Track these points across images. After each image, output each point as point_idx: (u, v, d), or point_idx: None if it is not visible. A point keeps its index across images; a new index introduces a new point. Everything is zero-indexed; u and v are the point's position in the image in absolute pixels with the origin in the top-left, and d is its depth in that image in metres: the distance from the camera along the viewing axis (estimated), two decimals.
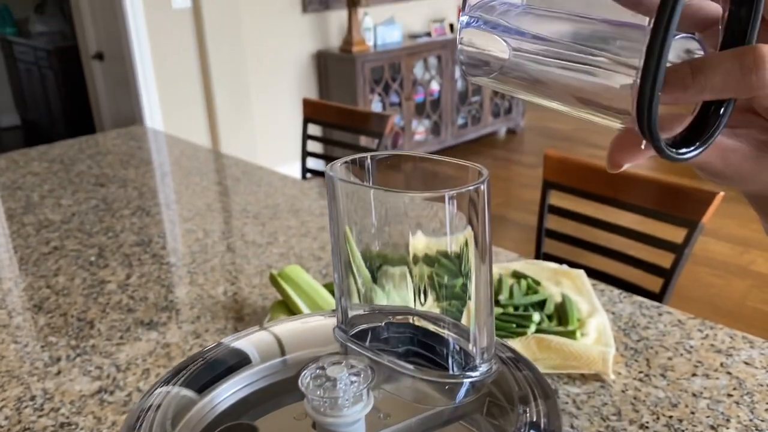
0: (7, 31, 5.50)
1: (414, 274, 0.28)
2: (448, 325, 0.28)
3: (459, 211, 0.27)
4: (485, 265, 0.29)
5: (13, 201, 1.67)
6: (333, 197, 0.29)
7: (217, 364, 0.39)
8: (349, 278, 0.30)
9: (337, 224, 0.30)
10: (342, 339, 0.31)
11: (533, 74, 0.28)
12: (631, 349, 0.95)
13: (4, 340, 1.06)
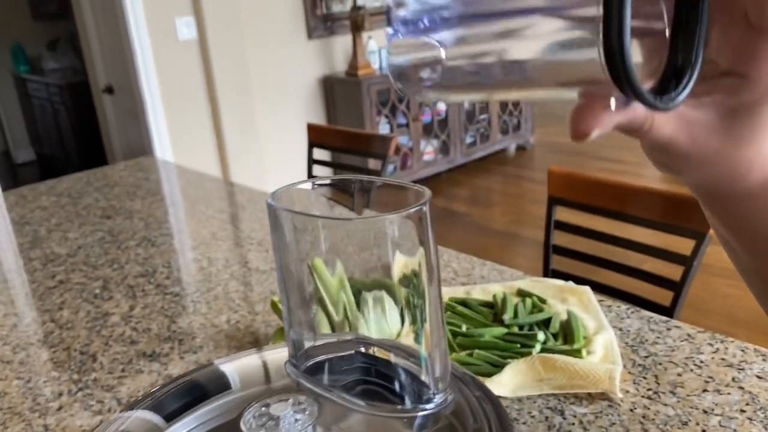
0: (21, 69, 5.60)
1: (365, 301, 0.27)
2: (402, 354, 0.27)
3: (404, 233, 0.26)
4: (433, 286, 0.28)
5: (21, 236, 1.68)
6: (275, 227, 0.28)
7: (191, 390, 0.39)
8: (298, 310, 0.29)
9: (282, 253, 0.29)
10: (293, 374, 0.30)
11: (479, 65, 0.26)
12: (639, 366, 0.93)
13: (8, 377, 1.06)
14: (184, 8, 3.36)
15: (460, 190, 4.37)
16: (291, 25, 3.92)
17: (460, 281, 1.23)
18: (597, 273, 1.50)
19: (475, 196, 4.27)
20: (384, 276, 0.27)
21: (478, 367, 0.94)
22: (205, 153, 3.61)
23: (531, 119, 5.07)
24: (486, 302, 1.11)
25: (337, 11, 4.13)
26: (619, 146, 4.89)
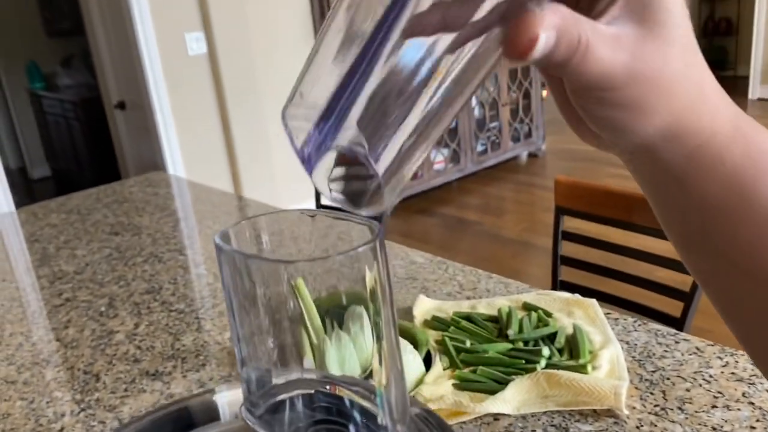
0: (36, 86, 5.67)
1: (316, 336, 0.26)
2: (362, 392, 0.26)
3: (357, 268, 0.25)
4: (387, 322, 0.27)
5: (30, 254, 1.69)
6: (224, 264, 0.28)
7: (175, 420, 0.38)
8: (252, 348, 0.28)
9: (233, 289, 0.28)
10: (248, 420, 0.29)
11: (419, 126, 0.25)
12: (646, 381, 0.91)
13: (11, 397, 1.06)
14: (193, 24, 3.38)
15: (472, 198, 4.35)
16: (300, 37, 3.94)
17: (465, 295, 1.22)
18: (606, 283, 1.48)
19: (486, 204, 4.25)
20: (340, 309, 0.26)
21: (482, 384, 0.92)
22: (217, 166, 3.62)
23: (542, 126, 5.04)
24: (491, 316, 1.10)
25: None
26: None
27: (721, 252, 0.31)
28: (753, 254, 0.30)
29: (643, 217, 1.38)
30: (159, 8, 3.27)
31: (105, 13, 3.62)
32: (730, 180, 0.30)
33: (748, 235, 0.30)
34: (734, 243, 0.31)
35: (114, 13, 3.45)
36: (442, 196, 4.39)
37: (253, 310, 0.28)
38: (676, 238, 0.34)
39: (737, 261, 0.31)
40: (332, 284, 0.26)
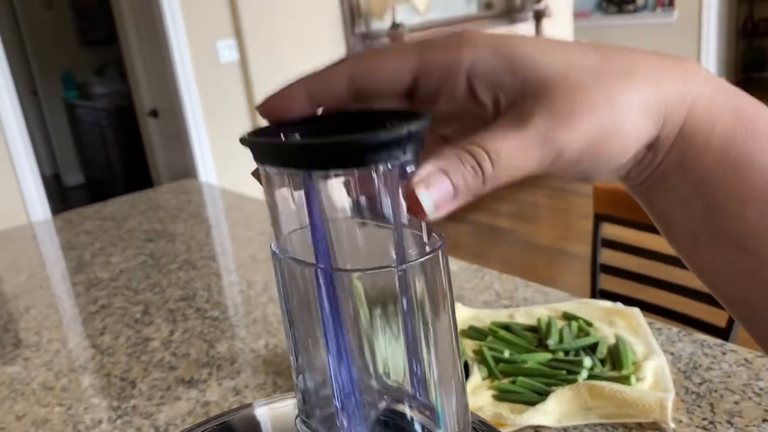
0: (70, 94, 5.78)
1: (376, 347, 0.25)
2: (418, 406, 0.24)
3: (417, 278, 0.24)
4: (445, 325, 0.26)
5: (66, 261, 1.71)
6: (281, 275, 0.26)
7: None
8: (308, 353, 0.27)
9: (285, 297, 0.27)
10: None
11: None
12: (693, 394, 0.88)
13: (50, 403, 1.06)
14: (225, 31, 3.41)
15: (504, 205, 4.31)
16: (330, 44, 3.95)
17: (502, 303, 1.20)
18: (647, 292, 1.44)
19: (520, 211, 4.21)
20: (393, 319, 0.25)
21: (521, 396, 0.90)
22: (248, 174, 3.64)
23: None
24: (530, 326, 1.07)
25: (377, 29, 4.14)
26: None
27: (727, 234, 0.30)
28: (758, 233, 0.29)
29: None
30: (191, 16, 3.31)
31: (138, 22, 3.67)
32: (724, 148, 0.29)
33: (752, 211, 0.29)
34: (740, 223, 0.29)
35: (147, 22, 3.49)
36: (473, 202, 4.34)
37: (308, 318, 0.27)
38: (681, 237, 0.32)
39: (742, 242, 0.29)
40: (388, 291, 0.24)
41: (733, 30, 6.78)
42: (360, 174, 0.24)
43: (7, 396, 1.10)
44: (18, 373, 1.17)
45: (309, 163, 0.24)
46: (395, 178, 0.24)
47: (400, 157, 0.24)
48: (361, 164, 0.23)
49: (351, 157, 0.23)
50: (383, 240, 0.24)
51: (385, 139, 0.23)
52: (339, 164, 0.23)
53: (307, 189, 0.25)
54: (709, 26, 6.34)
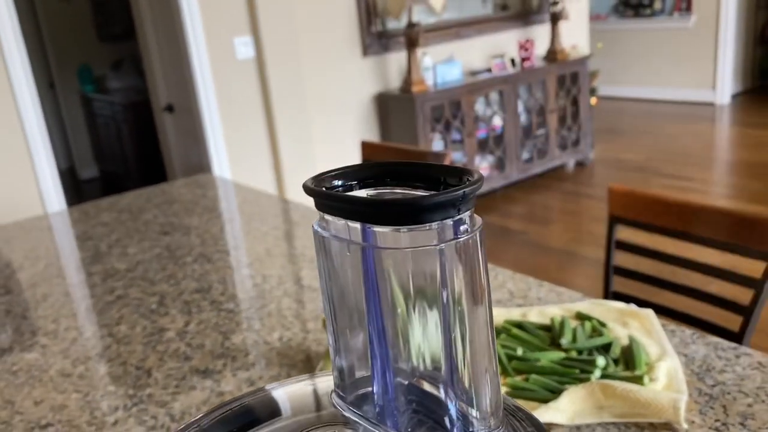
0: (87, 88, 5.82)
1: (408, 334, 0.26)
2: (448, 390, 0.25)
3: (453, 260, 0.25)
4: (484, 316, 0.26)
5: (83, 251, 1.73)
6: (322, 253, 0.27)
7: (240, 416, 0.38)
8: (344, 339, 0.28)
9: (328, 281, 0.27)
10: (339, 406, 0.29)
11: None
12: (706, 395, 0.88)
13: (67, 390, 1.08)
14: (242, 28, 3.43)
15: (517, 207, 4.31)
16: (346, 43, 3.96)
17: (515, 302, 1.20)
18: (660, 295, 1.44)
19: (532, 213, 4.20)
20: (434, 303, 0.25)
21: (534, 393, 0.90)
22: (262, 170, 3.66)
23: (591, 134, 4.97)
24: (543, 325, 1.08)
25: (392, 28, 4.15)
26: (683, 162, 4.75)
27: None
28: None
29: (701, 228, 1.34)
30: (209, 13, 3.32)
31: (156, 17, 3.69)
32: None
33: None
34: None
35: (165, 18, 3.52)
36: (486, 204, 4.36)
37: (346, 302, 0.27)
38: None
39: None
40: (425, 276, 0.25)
41: (751, 36, 6.73)
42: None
43: (25, 382, 1.11)
44: (36, 359, 1.19)
45: (371, 218, 0.25)
46: (449, 232, 0.25)
47: (453, 215, 0.25)
48: (420, 222, 0.25)
49: (410, 215, 0.24)
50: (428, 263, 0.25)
51: (442, 201, 0.24)
52: (399, 222, 0.25)
53: (365, 236, 0.26)
54: (726, 32, 6.30)
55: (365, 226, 0.25)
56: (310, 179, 0.28)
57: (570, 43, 5.01)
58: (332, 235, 0.27)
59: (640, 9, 6.98)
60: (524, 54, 4.53)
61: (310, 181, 0.28)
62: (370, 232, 0.25)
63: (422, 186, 0.27)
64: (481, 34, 4.60)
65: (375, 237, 0.25)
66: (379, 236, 0.25)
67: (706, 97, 6.54)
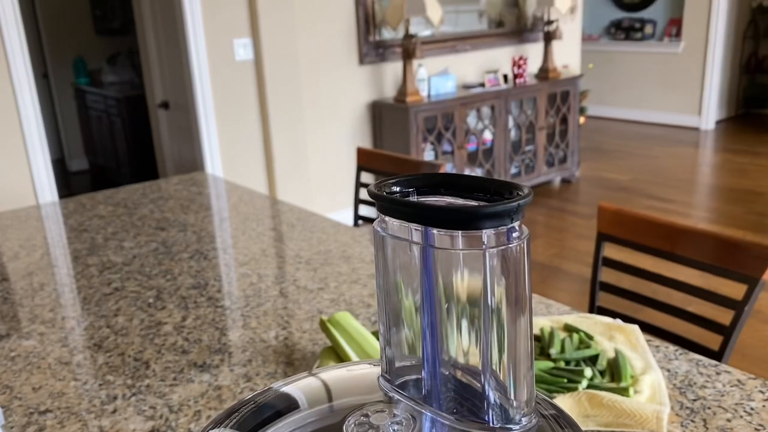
0: (81, 81, 5.81)
1: (456, 328, 0.29)
2: (489, 381, 0.29)
3: (498, 264, 0.28)
4: (524, 317, 0.30)
5: (79, 242, 1.74)
6: (380, 251, 0.31)
7: (267, 408, 0.40)
8: (394, 330, 0.31)
9: (384, 276, 0.31)
10: (386, 388, 0.32)
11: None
12: (687, 409, 0.92)
13: (65, 377, 1.10)
14: (242, 30, 3.46)
15: None
16: (344, 51, 4.00)
17: None
18: (643, 312, 1.49)
19: None
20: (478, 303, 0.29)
21: None
22: (254, 171, 3.68)
23: (577, 153, 5.05)
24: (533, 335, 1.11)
25: (389, 38, 4.20)
26: (667, 185, 4.83)
27: None
28: None
29: (685, 249, 1.39)
30: (210, 13, 3.35)
31: (156, 14, 3.71)
32: None
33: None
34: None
35: (165, 15, 3.54)
36: None
37: (397, 298, 0.31)
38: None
39: None
40: (476, 277, 0.29)
41: (737, 65, 6.88)
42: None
43: (23, 368, 1.13)
44: (34, 347, 1.21)
45: (434, 222, 0.29)
46: (503, 239, 0.29)
47: (508, 223, 0.29)
48: (477, 228, 0.28)
49: (470, 221, 0.28)
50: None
51: (499, 210, 0.28)
52: (459, 226, 0.28)
53: (426, 238, 0.30)
54: (714, 59, 6.43)
55: (427, 229, 0.29)
56: (373, 185, 0.31)
57: (562, 63, 5.09)
58: (391, 235, 0.30)
59: (631, 32, 7.10)
60: (517, 71, 4.60)
61: (375, 186, 0.31)
62: (430, 234, 0.29)
63: (474, 197, 0.31)
64: (476, 49, 4.67)
65: (434, 239, 0.29)
66: (438, 239, 0.28)
67: (691, 122, 6.66)
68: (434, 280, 0.29)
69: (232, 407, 0.42)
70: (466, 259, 0.28)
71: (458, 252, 0.28)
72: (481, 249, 0.28)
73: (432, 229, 0.28)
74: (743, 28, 6.79)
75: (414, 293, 0.30)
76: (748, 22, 6.82)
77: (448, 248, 0.28)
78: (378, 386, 0.33)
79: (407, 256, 0.30)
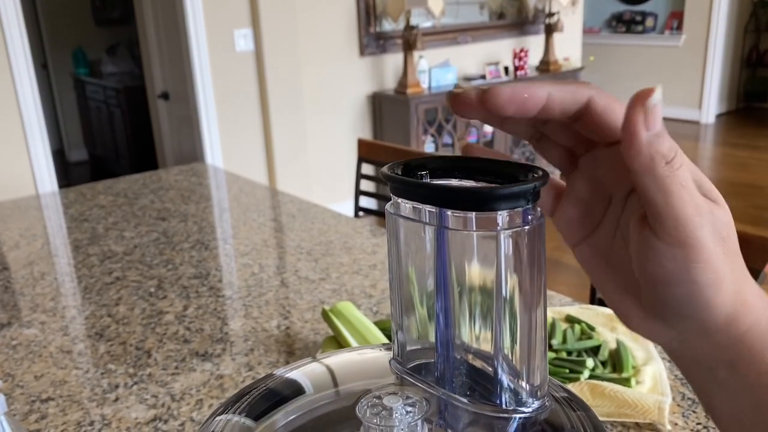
0: (80, 71, 5.80)
1: (468, 311, 0.29)
2: (502, 364, 0.29)
3: (513, 246, 0.28)
4: (539, 301, 0.30)
5: (80, 232, 1.74)
6: (393, 234, 0.31)
7: (273, 393, 0.40)
8: (406, 313, 0.31)
9: (397, 260, 0.31)
10: (398, 371, 0.32)
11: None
12: (689, 400, 0.93)
13: (67, 366, 1.10)
14: (242, 21, 3.45)
15: None
16: (345, 42, 3.99)
17: None
18: None
19: None
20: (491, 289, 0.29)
21: None
22: (254, 162, 3.68)
23: None
24: None
25: (390, 30, 4.19)
26: None
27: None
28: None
29: None
30: (211, 3, 3.34)
31: (156, 4, 3.70)
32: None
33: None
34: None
35: (165, 5, 3.53)
36: None
37: (408, 282, 0.31)
38: (726, 421, 0.34)
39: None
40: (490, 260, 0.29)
41: (738, 59, 6.87)
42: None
43: (24, 356, 1.13)
44: (35, 335, 1.21)
45: (450, 204, 0.28)
46: (518, 220, 0.29)
47: (524, 205, 0.29)
48: (493, 209, 0.28)
49: (486, 202, 0.28)
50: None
51: (516, 191, 0.28)
52: (475, 208, 0.28)
53: (441, 220, 0.29)
54: (715, 53, 6.42)
55: (441, 211, 0.29)
56: (387, 167, 0.31)
57: (563, 55, 5.08)
58: (404, 217, 0.30)
59: (632, 25, 7.09)
60: (518, 63, 4.59)
61: (388, 168, 0.31)
62: (444, 216, 0.28)
63: (490, 180, 0.31)
64: (476, 41, 4.65)
65: (449, 221, 0.28)
66: (452, 220, 0.28)
67: (691, 116, 6.66)
68: (448, 263, 0.29)
69: (238, 393, 0.42)
70: (481, 241, 0.28)
71: (472, 234, 0.28)
72: (496, 231, 0.28)
73: (446, 211, 0.28)
74: (744, 21, 6.78)
75: (426, 277, 0.30)
76: (749, 15, 6.80)
77: (462, 230, 0.28)
78: (386, 371, 0.33)
79: (420, 239, 0.30)
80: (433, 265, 0.30)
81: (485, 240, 0.28)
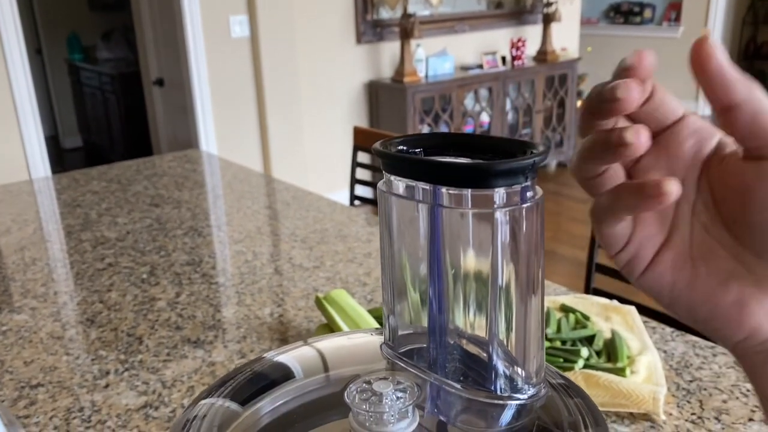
0: (75, 57, 5.75)
1: (463, 296, 0.28)
2: (497, 350, 0.28)
3: (510, 225, 0.27)
4: (537, 295, 0.29)
5: (73, 218, 1.73)
6: (385, 214, 0.29)
7: (261, 377, 0.40)
8: (398, 297, 0.30)
9: (389, 242, 0.30)
10: (389, 356, 0.31)
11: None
12: (683, 390, 0.92)
13: (57, 352, 1.09)
14: (238, 7, 3.42)
15: None
16: (341, 30, 3.97)
17: None
18: (639, 294, 1.48)
19: None
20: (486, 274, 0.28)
21: None
22: (249, 149, 3.66)
23: (574, 136, 5.03)
24: None
25: (387, 18, 4.16)
26: None
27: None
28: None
29: None
30: None
31: None
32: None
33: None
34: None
35: None
36: None
37: (401, 266, 0.30)
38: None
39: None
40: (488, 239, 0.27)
41: (735, 51, 6.85)
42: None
43: (14, 342, 1.12)
44: (25, 321, 1.19)
45: (445, 181, 0.27)
46: (516, 198, 0.27)
47: (522, 182, 0.27)
48: (490, 186, 0.27)
49: (483, 179, 0.27)
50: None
51: (513, 167, 0.27)
52: (471, 184, 0.27)
53: (435, 197, 0.28)
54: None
55: (436, 188, 0.27)
56: (379, 143, 0.30)
57: (560, 46, 5.05)
58: (396, 195, 0.29)
59: (630, 16, 7.06)
60: (516, 52, 4.57)
61: (380, 144, 0.30)
62: (439, 194, 0.27)
63: (485, 157, 0.29)
64: (474, 30, 4.63)
65: (443, 198, 0.27)
66: (447, 198, 0.27)
67: (689, 108, 6.64)
68: (442, 244, 0.28)
69: (224, 376, 0.41)
70: (477, 220, 0.27)
71: (468, 212, 0.27)
72: (492, 209, 0.27)
73: (441, 188, 0.27)
74: (742, 13, 6.76)
75: (420, 260, 0.29)
76: (747, 7, 6.78)
77: (457, 207, 0.27)
78: (377, 355, 0.32)
79: (414, 218, 0.28)
80: (427, 247, 0.28)
81: (481, 219, 0.27)
